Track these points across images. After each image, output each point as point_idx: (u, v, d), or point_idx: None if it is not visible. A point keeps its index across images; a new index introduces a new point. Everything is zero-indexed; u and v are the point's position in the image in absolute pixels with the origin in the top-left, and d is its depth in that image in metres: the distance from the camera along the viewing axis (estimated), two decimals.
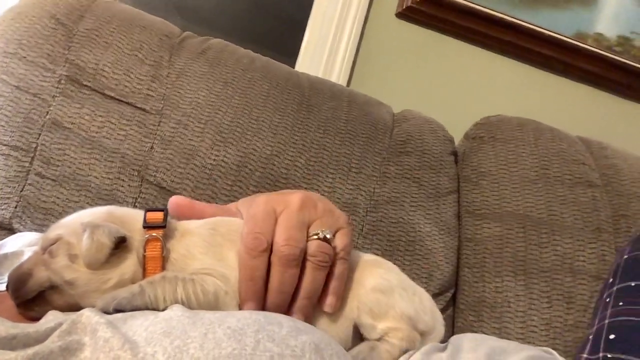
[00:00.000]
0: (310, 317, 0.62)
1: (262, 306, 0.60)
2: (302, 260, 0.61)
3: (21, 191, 0.88)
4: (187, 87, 1.00)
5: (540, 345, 0.94)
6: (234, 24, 1.65)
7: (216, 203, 0.94)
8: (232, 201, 0.94)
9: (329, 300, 0.62)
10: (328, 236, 0.62)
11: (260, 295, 0.60)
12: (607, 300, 0.85)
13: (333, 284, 0.63)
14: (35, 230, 0.84)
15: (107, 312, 0.51)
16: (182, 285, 0.55)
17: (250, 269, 0.59)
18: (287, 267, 0.60)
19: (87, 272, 0.54)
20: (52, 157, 0.90)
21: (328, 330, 0.64)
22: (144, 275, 0.57)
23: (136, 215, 0.61)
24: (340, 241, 0.64)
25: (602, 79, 1.55)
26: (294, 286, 0.61)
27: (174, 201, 0.68)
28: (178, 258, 0.60)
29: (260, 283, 0.60)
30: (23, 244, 0.74)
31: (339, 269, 0.63)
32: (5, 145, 0.89)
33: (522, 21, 1.48)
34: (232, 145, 0.97)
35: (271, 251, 0.60)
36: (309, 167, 1.01)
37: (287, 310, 0.61)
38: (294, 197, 0.64)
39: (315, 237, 0.62)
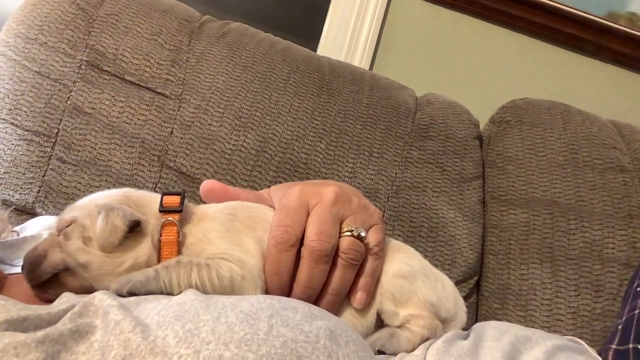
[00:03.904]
0: (335, 313, 0.61)
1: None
2: (332, 256, 0.59)
3: (43, 176, 0.89)
4: (207, 71, 0.99)
5: (566, 334, 0.92)
6: (254, 9, 1.64)
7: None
8: (251, 186, 0.93)
9: (359, 296, 0.61)
10: (362, 234, 0.61)
11: (285, 289, 0.59)
12: (638, 289, 0.82)
13: (364, 280, 0.61)
14: (57, 215, 0.85)
15: (120, 295, 0.51)
16: (197, 270, 0.55)
17: (277, 263, 0.58)
18: (317, 262, 0.58)
19: (100, 255, 0.54)
20: (73, 143, 0.90)
21: (352, 318, 0.62)
22: (159, 260, 0.57)
23: (153, 199, 0.61)
24: (373, 237, 0.62)
25: (635, 60, 1.50)
26: (323, 282, 0.60)
27: (207, 186, 0.66)
28: (194, 242, 0.59)
29: (286, 277, 0.59)
30: (42, 227, 0.75)
31: (371, 265, 0.62)
32: (27, 130, 0.90)
33: (552, 1, 1.44)
34: (252, 130, 0.96)
35: (301, 244, 0.59)
36: (329, 152, 0.99)
37: (313, 304, 0.60)
38: (328, 190, 0.61)
39: (349, 233, 0.60)
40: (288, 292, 0.59)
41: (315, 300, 0.60)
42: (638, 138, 1.11)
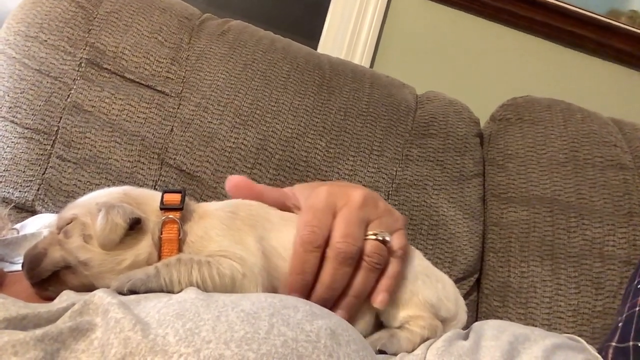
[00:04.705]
0: (355, 315, 0.61)
1: (307, 298, 0.59)
2: (357, 259, 0.60)
3: (43, 174, 0.88)
4: (207, 69, 0.99)
5: (566, 332, 0.92)
6: (254, 7, 1.64)
7: None
8: None
9: (381, 297, 0.61)
10: (387, 239, 0.61)
11: (307, 289, 0.59)
12: (639, 286, 0.82)
13: (386, 282, 0.61)
14: (57, 213, 0.85)
15: (121, 293, 0.51)
16: (198, 267, 0.54)
17: (302, 262, 0.58)
18: (342, 264, 0.59)
19: (101, 252, 0.54)
20: (73, 140, 0.90)
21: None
22: (160, 258, 0.57)
23: (153, 197, 0.60)
24: (397, 241, 0.63)
25: (636, 58, 1.50)
26: (345, 284, 0.60)
27: (233, 182, 0.66)
28: (195, 240, 0.59)
29: (310, 277, 0.59)
30: (42, 225, 0.74)
31: (394, 267, 0.62)
32: (27, 128, 0.90)
33: None
34: (252, 128, 0.96)
35: (326, 244, 0.59)
36: (329, 150, 0.99)
37: (333, 305, 0.60)
38: (356, 193, 0.62)
39: (374, 237, 0.61)
40: (309, 293, 0.60)
41: (336, 301, 0.60)
42: (639, 136, 1.11)
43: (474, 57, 1.47)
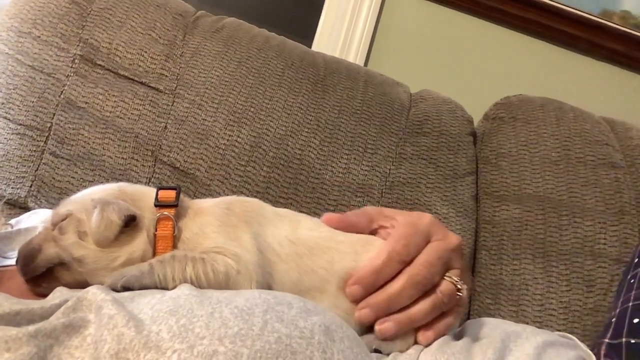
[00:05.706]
0: (400, 335, 0.61)
1: (365, 297, 0.60)
2: (427, 290, 0.61)
3: (36, 170, 0.88)
4: (201, 66, 0.99)
5: (558, 329, 0.92)
6: (248, 5, 1.63)
7: (229, 183, 0.93)
8: (245, 182, 0.93)
9: (430, 334, 0.61)
10: (463, 292, 0.63)
11: (371, 290, 0.60)
12: (632, 281, 0.83)
13: (441, 327, 0.62)
14: (51, 209, 0.85)
15: (115, 290, 0.51)
16: (192, 264, 0.54)
17: (382, 266, 0.60)
18: (414, 286, 0.60)
19: (96, 249, 0.54)
20: (66, 137, 0.90)
21: (345, 316, 0.62)
22: (155, 254, 0.56)
23: (148, 193, 0.60)
24: (466, 297, 0.65)
25: (628, 58, 1.51)
26: (405, 305, 0.60)
27: (330, 224, 0.65)
28: (190, 237, 0.58)
29: (382, 282, 0.60)
30: (38, 220, 0.74)
31: (452, 319, 0.63)
32: (20, 124, 0.89)
33: None
34: (246, 125, 0.96)
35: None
36: (323, 148, 0.99)
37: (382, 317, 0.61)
38: (453, 237, 0.65)
39: (454, 281, 0.62)
40: (370, 293, 0.60)
41: (388, 315, 0.60)
42: (630, 135, 1.12)
43: (467, 56, 1.48)
